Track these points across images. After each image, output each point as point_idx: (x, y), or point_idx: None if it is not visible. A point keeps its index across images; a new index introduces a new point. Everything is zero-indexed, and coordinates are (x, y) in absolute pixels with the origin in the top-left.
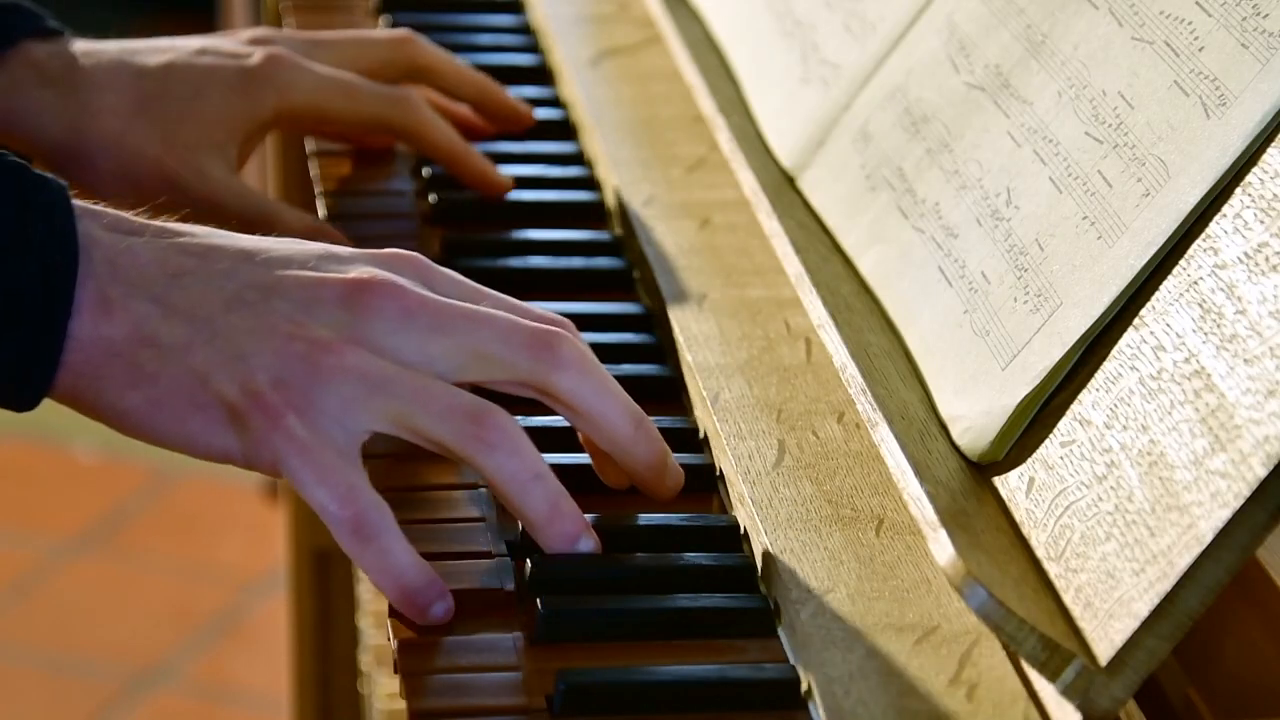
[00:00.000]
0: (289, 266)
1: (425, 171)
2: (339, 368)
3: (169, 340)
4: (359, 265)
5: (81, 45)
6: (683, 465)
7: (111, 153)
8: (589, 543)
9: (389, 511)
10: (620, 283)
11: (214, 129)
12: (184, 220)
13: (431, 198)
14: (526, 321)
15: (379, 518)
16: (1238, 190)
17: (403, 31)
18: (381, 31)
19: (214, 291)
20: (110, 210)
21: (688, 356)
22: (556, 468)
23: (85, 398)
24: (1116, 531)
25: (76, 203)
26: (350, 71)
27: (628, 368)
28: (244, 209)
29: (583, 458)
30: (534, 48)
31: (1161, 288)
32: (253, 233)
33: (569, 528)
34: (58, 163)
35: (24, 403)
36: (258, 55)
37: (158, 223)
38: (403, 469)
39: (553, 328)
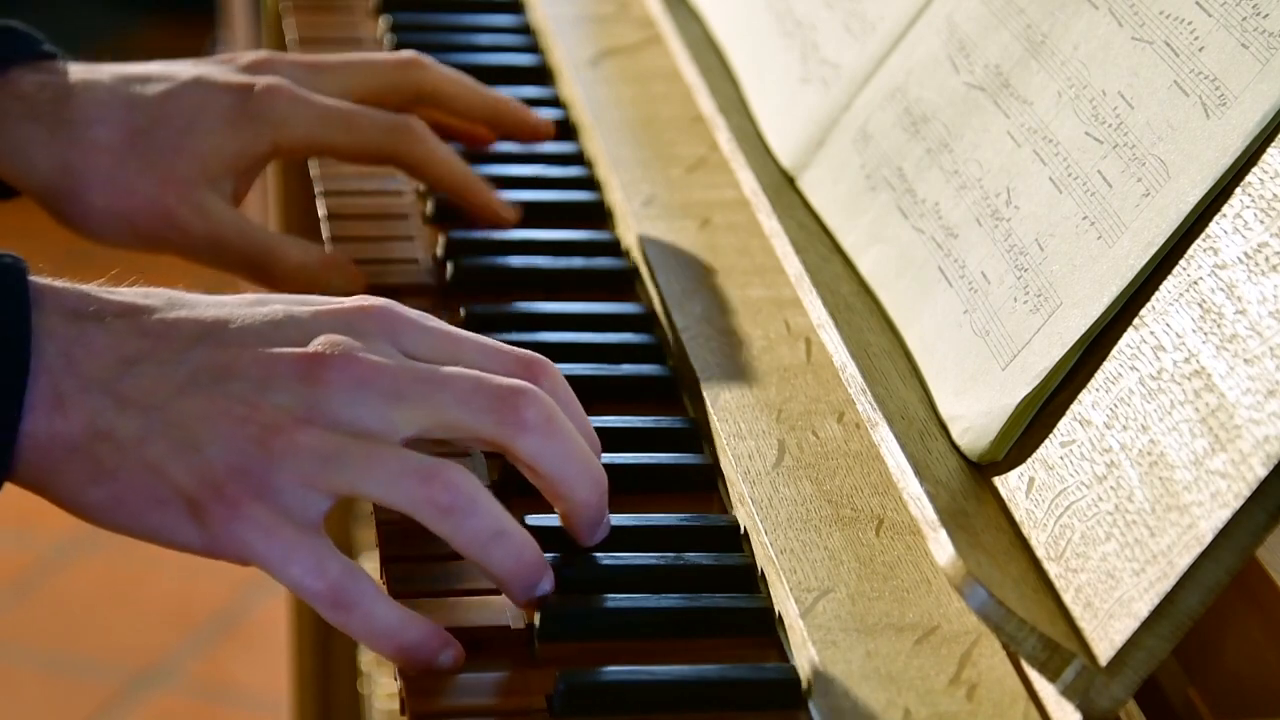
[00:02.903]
0: (244, 341)
1: None
2: (291, 447)
3: (124, 434)
4: (321, 329)
5: (73, 71)
6: (683, 465)
7: (104, 189)
8: (547, 585)
9: (364, 575)
10: (620, 283)
11: (210, 163)
12: (150, 286)
13: (431, 198)
14: (490, 380)
15: (354, 584)
16: (1238, 190)
17: (409, 54)
18: (387, 55)
19: (167, 377)
20: (72, 288)
21: (687, 357)
22: None
23: (48, 491)
24: (1116, 531)
25: (35, 283)
26: (354, 97)
27: (628, 368)
28: (245, 246)
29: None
30: (534, 48)
31: (1161, 288)
32: (256, 269)
33: (529, 577)
34: (49, 199)
35: None
36: (256, 86)
37: (119, 298)
38: None
39: (519, 384)
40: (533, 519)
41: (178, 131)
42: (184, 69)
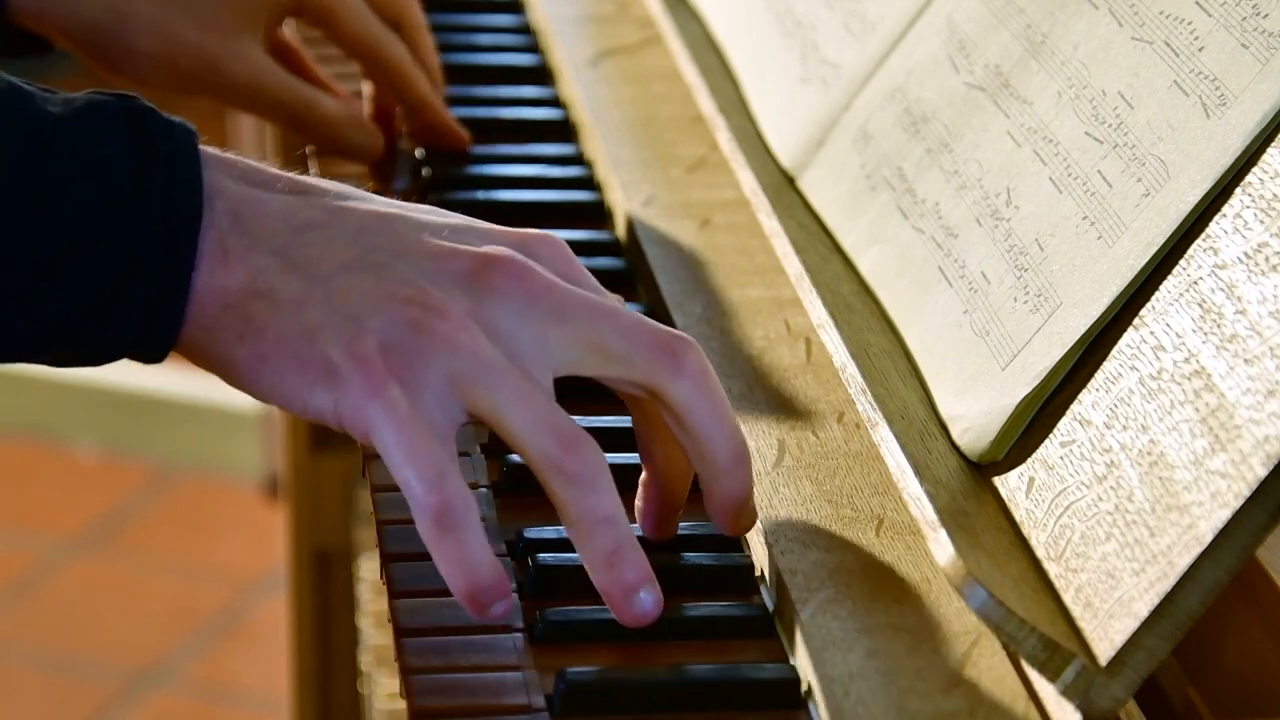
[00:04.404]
0: (422, 232)
1: (425, 172)
2: (451, 341)
3: (283, 294)
4: (495, 242)
5: None
6: None
7: (148, 33)
8: (647, 596)
9: (475, 506)
10: (620, 283)
11: (250, 14)
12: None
13: (431, 199)
14: (652, 322)
15: (464, 510)
16: (1238, 190)
17: None
18: None
19: (338, 249)
20: (244, 160)
21: None
22: None
23: (199, 349)
24: (1116, 531)
25: (205, 150)
26: None
27: None
28: (283, 93)
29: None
30: (534, 48)
31: (1161, 288)
32: (291, 117)
33: (625, 577)
34: (93, 42)
35: (153, 355)
36: None
37: (292, 176)
38: None
39: (681, 334)
40: (531, 531)
41: None
42: None
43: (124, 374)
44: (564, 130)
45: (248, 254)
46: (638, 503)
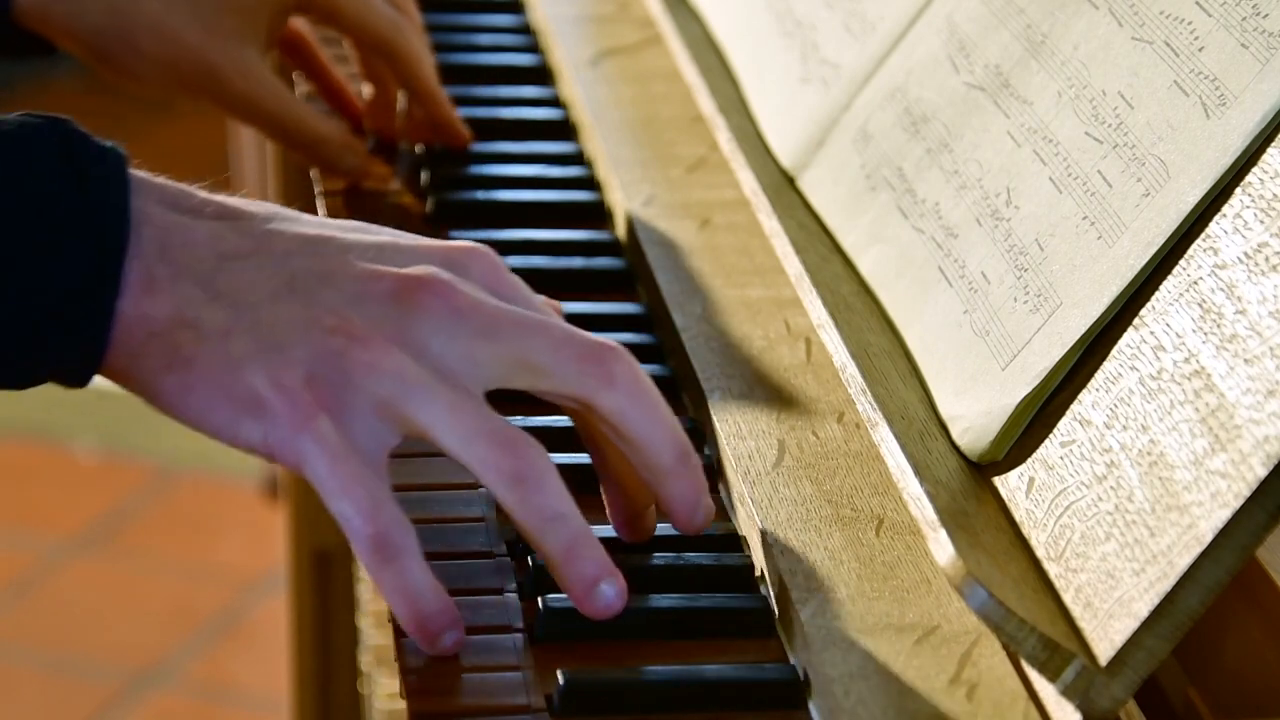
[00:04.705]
0: (348, 254)
1: (424, 174)
2: (376, 367)
3: (209, 324)
4: (422, 260)
5: None
6: None
7: (151, 37)
8: (608, 588)
9: (413, 532)
10: (620, 283)
11: (252, 18)
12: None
13: (431, 199)
14: (581, 333)
15: (402, 537)
16: (1238, 190)
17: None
18: None
19: (264, 278)
20: (173, 185)
21: (688, 357)
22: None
23: (125, 375)
24: (1116, 531)
25: (135, 174)
26: None
27: None
28: (277, 109)
29: (584, 458)
30: (534, 48)
31: (1161, 288)
32: (283, 133)
33: (585, 570)
34: (96, 44)
35: (75, 381)
36: None
37: (223, 200)
38: (402, 468)
39: (611, 342)
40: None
41: None
42: None
43: None
44: (564, 130)
45: (173, 283)
46: (606, 508)
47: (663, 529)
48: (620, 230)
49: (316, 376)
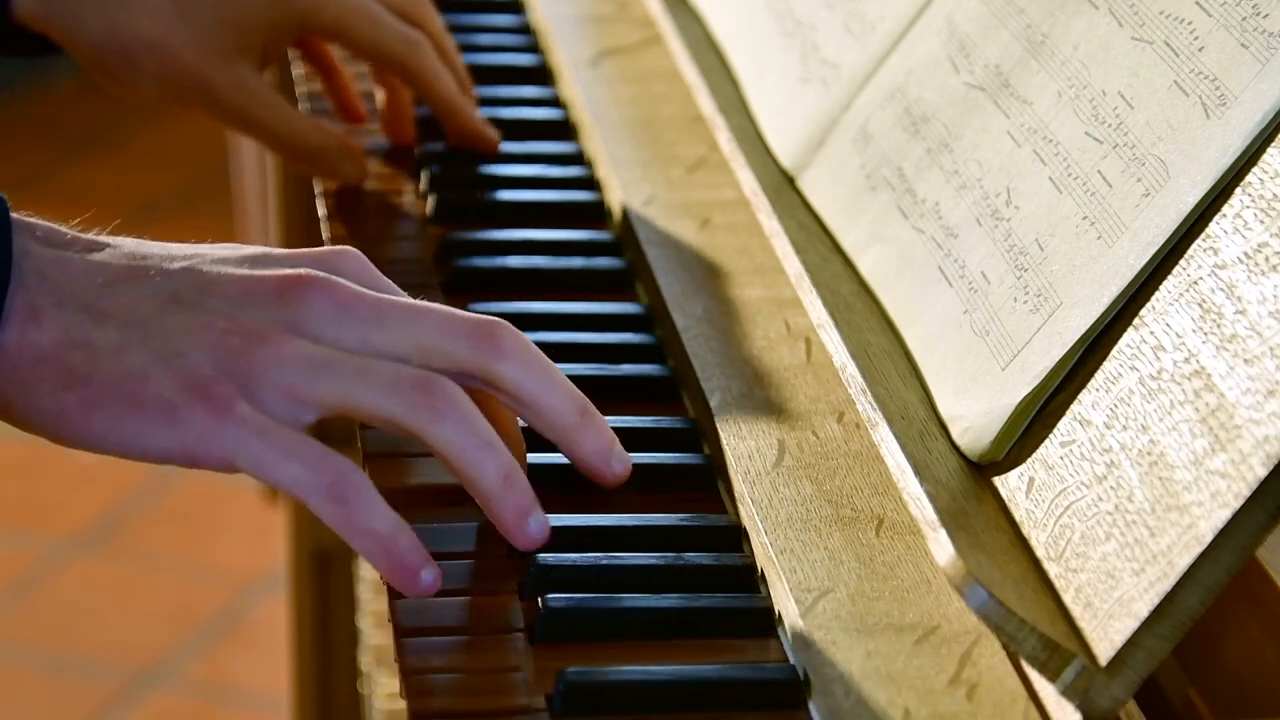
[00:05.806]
0: (223, 267)
1: (424, 173)
2: (277, 356)
3: (101, 343)
4: (295, 264)
5: None
6: (683, 465)
7: (150, 54)
8: (539, 518)
9: (362, 473)
10: (620, 283)
11: (249, 35)
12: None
13: (431, 199)
14: (463, 313)
15: (357, 479)
16: (1238, 190)
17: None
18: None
19: (147, 296)
20: (45, 223)
21: (688, 357)
22: (545, 468)
23: (15, 406)
24: (1116, 531)
25: (12, 215)
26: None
27: (628, 368)
28: (273, 122)
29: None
30: (534, 48)
31: (1161, 288)
32: (280, 144)
33: (520, 500)
34: (97, 59)
35: None
36: None
37: (90, 236)
38: (402, 468)
39: (495, 319)
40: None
41: (220, 3)
42: None
43: None
44: (564, 130)
45: (57, 310)
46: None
47: (663, 526)
48: (620, 230)
49: (223, 369)
